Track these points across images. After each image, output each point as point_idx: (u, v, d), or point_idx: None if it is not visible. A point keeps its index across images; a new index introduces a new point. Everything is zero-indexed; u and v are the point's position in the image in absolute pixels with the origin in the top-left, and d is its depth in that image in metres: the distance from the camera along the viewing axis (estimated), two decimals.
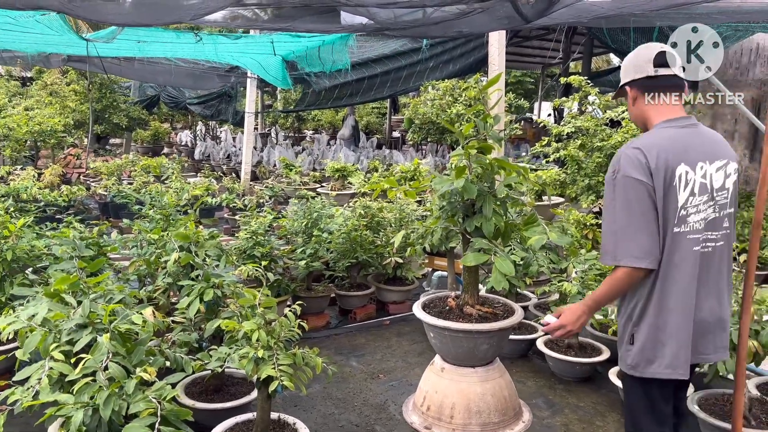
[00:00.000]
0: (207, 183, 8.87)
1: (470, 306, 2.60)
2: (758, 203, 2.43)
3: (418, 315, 2.60)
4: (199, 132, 19.24)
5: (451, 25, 3.86)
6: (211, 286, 3.28)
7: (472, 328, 2.44)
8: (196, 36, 5.86)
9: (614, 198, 2.17)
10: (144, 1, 2.80)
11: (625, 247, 2.13)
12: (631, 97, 2.36)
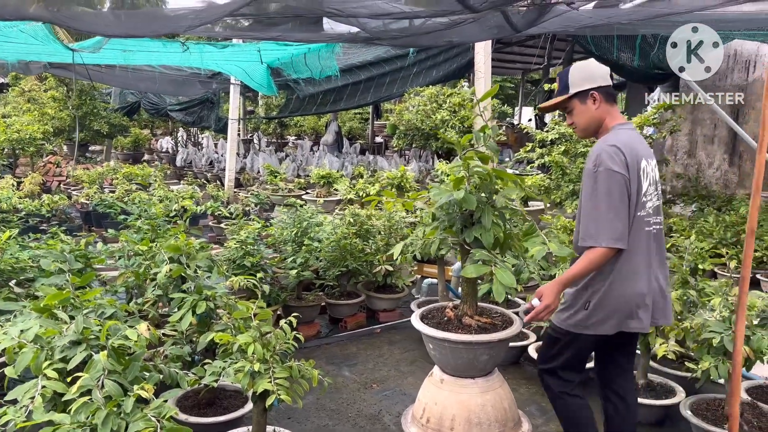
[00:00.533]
0: (191, 191, 8.78)
1: (469, 317, 2.59)
2: (752, 211, 2.46)
3: (416, 326, 2.59)
4: (181, 138, 19.06)
5: (442, 35, 3.87)
6: (204, 299, 3.23)
7: (473, 339, 2.43)
8: (183, 45, 5.80)
9: (596, 188, 2.49)
10: (137, 14, 2.77)
11: (605, 230, 2.45)
12: (597, 101, 2.66)
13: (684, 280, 3.92)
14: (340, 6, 3.02)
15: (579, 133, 2.78)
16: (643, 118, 7.66)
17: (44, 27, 4.70)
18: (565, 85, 2.74)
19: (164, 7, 2.68)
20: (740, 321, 2.54)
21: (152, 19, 2.81)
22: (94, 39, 5.57)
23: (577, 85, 2.70)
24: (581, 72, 2.71)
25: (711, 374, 3.18)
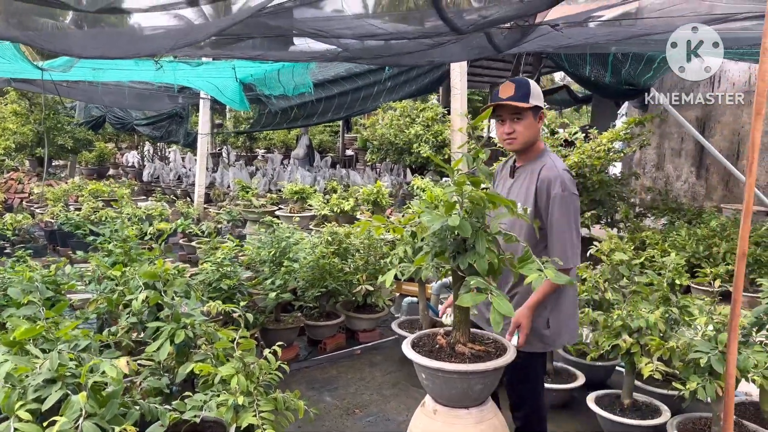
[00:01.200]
0: (160, 208, 8.57)
1: (462, 344, 2.53)
2: (742, 234, 2.46)
3: (409, 356, 2.51)
4: (147, 153, 18.69)
5: (424, 55, 3.84)
6: (182, 327, 3.11)
7: (467, 369, 2.37)
8: (157, 63, 5.67)
9: (569, 213, 2.68)
10: (113, 35, 2.66)
11: (577, 253, 2.71)
12: (541, 121, 2.84)
13: (665, 297, 3.93)
14: (325, 27, 2.96)
15: (515, 145, 2.83)
16: (614, 133, 7.77)
17: (12, 46, 4.52)
18: (525, 94, 2.77)
19: (143, 30, 2.58)
20: (732, 344, 2.53)
21: (130, 41, 2.71)
22: (65, 58, 5.40)
23: (536, 99, 2.80)
24: (536, 89, 2.82)
25: (698, 394, 3.18)
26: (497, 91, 2.81)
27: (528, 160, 2.90)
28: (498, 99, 2.77)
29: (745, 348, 3.32)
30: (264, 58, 4.21)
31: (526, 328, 2.68)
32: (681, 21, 4.37)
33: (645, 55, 7.36)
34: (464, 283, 2.34)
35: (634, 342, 3.54)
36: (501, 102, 2.76)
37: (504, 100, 2.75)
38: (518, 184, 2.91)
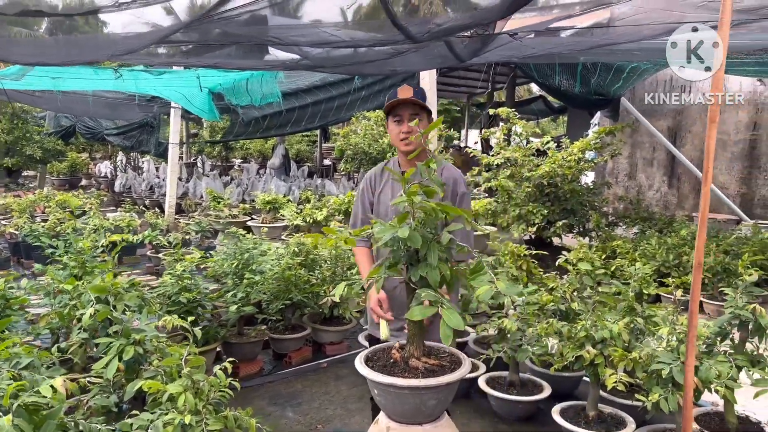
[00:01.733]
0: (128, 218, 8.41)
1: (416, 358, 2.46)
2: (698, 244, 2.43)
3: (360, 371, 2.44)
4: (120, 163, 18.43)
5: (386, 64, 3.79)
6: (131, 343, 3.00)
7: (419, 384, 2.30)
8: (116, 72, 5.54)
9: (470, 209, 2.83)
10: (59, 40, 2.58)
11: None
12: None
13: (630, 307, 3.91)
14: (281, 34, 2.90)
15: (411, 146, 2.81)
16: (585, 143, 7.80)
17: None
18: (423, 97, 2.86)
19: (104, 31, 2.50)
20: (690, 356, 2.50)
21: (76, 46, 2.62)
22: (17, 66, 5.25)
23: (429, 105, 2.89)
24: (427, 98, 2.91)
25: (661, 405, 3.14)
26: (395, 92, 2.84)
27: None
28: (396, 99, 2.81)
29: (708, 358, 3.30)
30: (227, 67, 4.14)
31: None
32: (648, 31, 4.39)
33: (614, 66, 7.42)
34: (415, 295, 2.28)
35: (597, 353, 3.50)
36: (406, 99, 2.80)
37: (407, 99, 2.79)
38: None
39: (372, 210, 3.02)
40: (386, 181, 3.01)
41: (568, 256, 4.55)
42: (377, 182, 3.04)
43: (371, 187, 3.04)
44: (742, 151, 10.21)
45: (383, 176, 3.03)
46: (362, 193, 3.06)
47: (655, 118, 10.87)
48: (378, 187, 3.02)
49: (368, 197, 3.04)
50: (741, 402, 4.03)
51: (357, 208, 3.10)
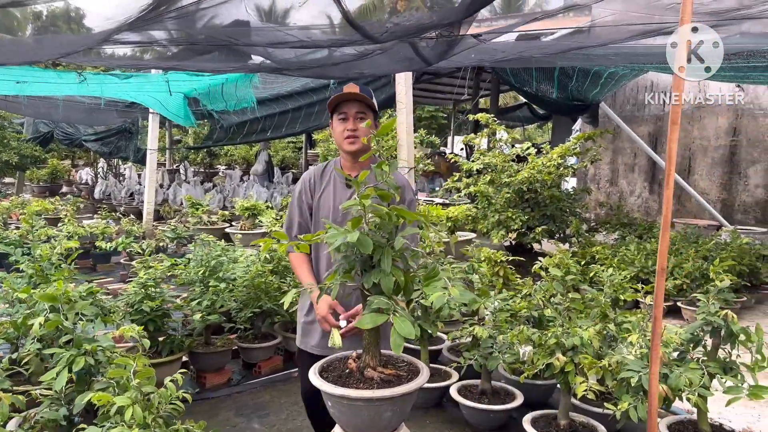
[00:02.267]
0: (103, 225, 8.26)
1: (372, 368, 2.37)
2: (661, 248, 2.37)
3: (313, 382, 2.35)
4: (102, 170, 18.23)
5: (352, 66, 3.72)
6: (83, 354, 2.88)
7: (373, 396, 2.21)
8: (80, 76, 5.42)
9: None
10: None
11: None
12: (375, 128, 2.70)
13: (603, 313, 3.84)
14: (234, 35, 2.81)
15: (358, 145, 2.76)
16: (564, 148, 7.77)
17: None
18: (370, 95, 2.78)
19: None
20: (654, 363, 2.43)
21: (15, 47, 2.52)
22: None
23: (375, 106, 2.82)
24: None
25: (630, 414, 3.08)
26: (341, 89, 2.75)
27: (364, 167, 2.80)
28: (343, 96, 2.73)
29: (679, 365, 3.24)
30: (186, 69, 4.05)
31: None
32: (616, 35, 4.35)
33: (591, 71, 7.40)
34: (368, 303, 2.20)
35: (568, 360, 3.43)
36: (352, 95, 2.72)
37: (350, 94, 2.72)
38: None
39: (311, 214, 2.91)
40: (327, 184, 2.90)
41: (543, 262, 4.48)
42: (317, 185, 2.92)
43: (310, 190, 2.92)
44: (722, 157, 10.24)
45: (323, 179, 2.92)
46: (299, 196, 2.93)
47: (635, 124, 10.89)
48: (318, 190, 2.91)
49: (306, 201, 2.91)
50: (716, 409, 3.98)
51: (293, 212, 2.96)
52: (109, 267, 8.18)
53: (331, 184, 2.89)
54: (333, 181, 2.90)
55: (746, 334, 3.12)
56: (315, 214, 2.90)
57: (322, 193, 2.89)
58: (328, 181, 2.90)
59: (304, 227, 2.90)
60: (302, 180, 2.95)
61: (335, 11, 2.40)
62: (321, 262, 2.88)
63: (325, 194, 2.89)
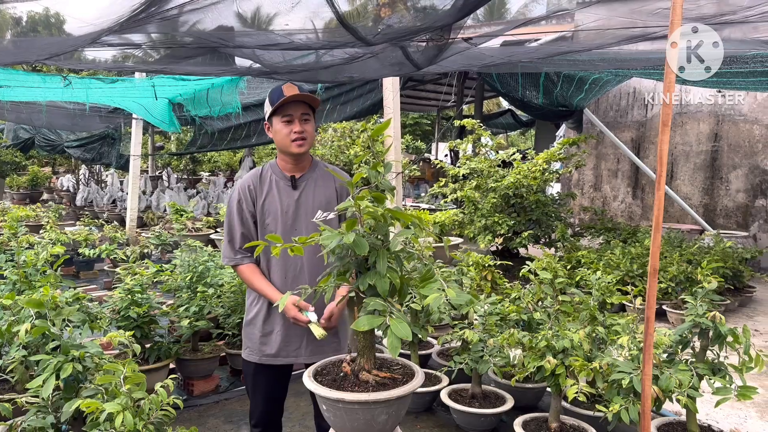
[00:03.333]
0: (86, 232, 8.16)
1: (366, 371, 2.36)
2: (653, 250, 2.39)
3: (308, 386, 2.32)
4: (83, 176, 18.02)
5: (342, 70, 3.72)
6: (70, 360, 2.84)
7: (369, 399, 2.19)
8: (65, 80, 5.34)
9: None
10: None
11: None
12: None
13: (592, 316, 3.86)
14: (226, 35, 2.80)
15: (305, 147, 2.73)
16: (549, 154, 7.83)
17: None
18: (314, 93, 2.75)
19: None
20: (647, 364, 2.44)
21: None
22: None
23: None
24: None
25: (622, 416, 3.09)
26: (281, 91, 2.68)
27: (307, 168, 2.82)
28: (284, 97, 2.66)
29: (669, 367, 3.26)
30: (173, 73, 4.01)
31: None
32: (600, 39, 4.39)
33: (576, 77, 7.47)
34: (363, 305, 2.18)
35: (558, 363, 3.44)
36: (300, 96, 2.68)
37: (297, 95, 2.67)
38: (310, 193, 2.81)
39: (256, 222, 2.81)
40: (270, 189, 2.81)
41: (531, 266, 4.50)
42: (257, 192, 2.80)
43: (251, 198, 2.79)
44: (704, 162, 10.38)
45: (263, 185, 2.81)
46: (239, 206, 2.80)
47: (619, 130, 11.01)
48: (260, 196, 2.80)
49: (248, 209, 2.79)
50: (704, 410, 4.02)
51: (233, 223, 2.81)
52: (93, 274, 8.08)
53: (273, 188, 2.80)
54: (275, 184, 2.81)
55: (734, 335, 3.15)
56: (260, 220, 2.80)
57: (265, 198, 2.79)
58: (269, 185, 2.81)
59: (248, 238, 2.80)
60: (239, 190, 2.83)
61: (327, 13, 2.39)
62: (273, 269, 2.81)
63: (269, 199, 2.79)
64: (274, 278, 2.81)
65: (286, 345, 2.87)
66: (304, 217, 2.80)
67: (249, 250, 2.81)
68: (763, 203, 9.75)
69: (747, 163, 9.89)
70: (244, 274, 2.83)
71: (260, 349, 2.88)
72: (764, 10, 3.76)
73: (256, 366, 2.92)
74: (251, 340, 2.91)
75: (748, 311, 7.35)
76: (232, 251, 2.82)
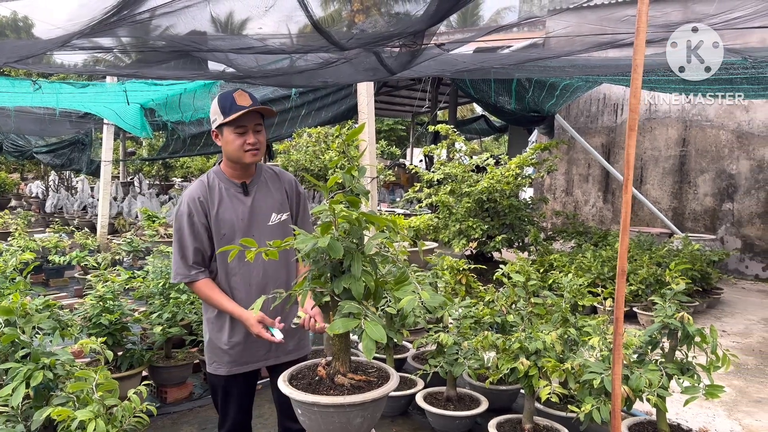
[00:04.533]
0: (56, 239, 8.02)
1: (342, 375, 2.37)
2: (621, 251, 2.44)
3: (283, 390, 2.33)
4: (53, 182, 17.70)
5: (316, 75, 3.73)
6: (41, 368, 2.79)
7: (344, 402, 2.20)
8: (34, 84, 5.24)
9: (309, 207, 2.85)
10: None
11: None
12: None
13: (564, 318, 3.92)
14: (198, 39, 2.79)
15: (258, 156, 2.71)
16: (522, 159, 7.93)
17: None
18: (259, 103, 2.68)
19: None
20: (617, 364, 2.49)
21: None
22: None
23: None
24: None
25: (593, 416, 3.14)
26: (233, 99, 2.63)
27: (254, 173, 2.83)
28: (241, 108, 2.61)
29: (639, 367, 3.32)
30: (145, 77, 3.98)
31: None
32: (569, 46, 4.47)
33: (547, 83, 7.58)
34: (338, 308, 2.19)
35: (531, 364, 3.48)
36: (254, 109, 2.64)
37: (254, 107, 2.63)
38: (262, 198, 2.81)
39: (210, 232, 2.73)
40: (221, 198, 2.75)
41: (504, 270, 4.55)
42: (208, 202, 2.72)
43: (202, 210, 2.71)
44: (672, 167, 10.59)
45: (213, 194, 2.74)
46: (189, 219, 2.70)
47: (589, 135, 11.19)
48: (212, 207, 2.72)
49: (200, 222, 2.71)
50: (674, 410, 4.10)
51: (184, 238, 2.71)
52: (63, 282, 7.94)
53: (225, 197, 2.75)
54: (225, 192, 2.76)
55: (701, 335, 3.23)
56: (215, 231, 2.73)
57: (218, 208, 2.73)
58: (220, 194, 2.75)
59: (201, 252, 2.73)
60: (187, 203, 2.72)
61: (301, 17, 2.41)
62: (234, 281, 2.76)
63: (222, 208, 2.73)
64: (238, 289, 2.77)
65: (255, 351, 2.86)
66: (259, 223, 2.78)
67: (203, 265, 2.74)
68: (730, 207, 9.99)
69: (714, 168, 10.13)
70: (202, 290, 2.73)
71: (228, 361, 2.85)
72: (728, 18, 3.87)
73: (226, 378, 2.90)
74: (216, 354, 2.87)
75: (716, 312, 7.52)
76: (186, 267, 2.71)
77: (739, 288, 9.13)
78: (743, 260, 9.89)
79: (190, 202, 2.71)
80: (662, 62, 5.14)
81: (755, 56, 4.76)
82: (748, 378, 5.29)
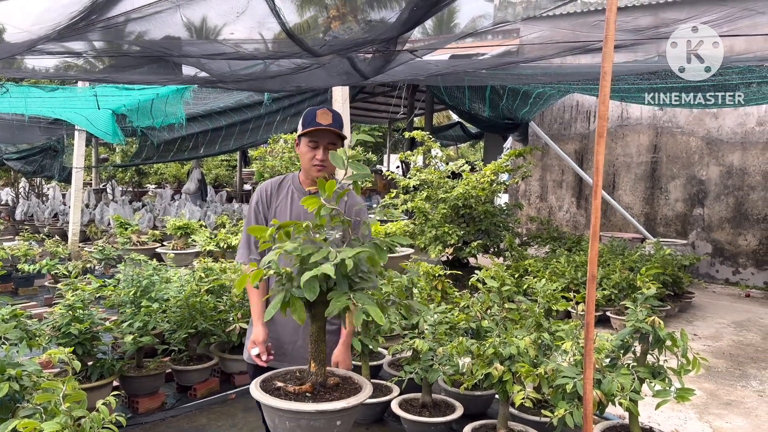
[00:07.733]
0: (25, 247, 7.85)
1: (316, 383, 2.35)
2: (591, 256, 2.47)
3: (255, 396, 2.30)
4: (23, 189, 17.35)
5: (290, 80, 3.72)
6: (6, 379, 2.72)
7: (318, 409, 2.18)
8: (1, 88, 5.13)
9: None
10: None
11: None
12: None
13: (538, 323, 3.95)
14: (170, 44, 2.76)
15: (324, 173, 2.77)
16: (497, 165, 7.99)
17: None
18: (341, 125, 2.80)
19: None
20: (588, 368, 2.51)
21: None
22: None
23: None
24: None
25: (567, 420, 3.16)
26: (315, 115, 2.74)
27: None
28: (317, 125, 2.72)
29: (611, 371, 3.35)
30: (116, 82, 3.93)
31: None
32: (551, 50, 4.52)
33: (521, 91, 7.66)
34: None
35: (505, 369, 3.50)
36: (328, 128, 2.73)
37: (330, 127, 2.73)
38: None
39: (267, 223, 2.88)
40: (285, 196, 2.91)
41: (479, 275, 4.57)
42: (273, 196, 2.91)
43: (266, 200, 2.90)
44: (644, 173, 10.76)
45: (281, 191, 2.92)
46: (255, 207, 2.91)
47: (563, 142, 11.33)
48: (274, 201, 2.90)
49: (263, 211, 2.89)
50: (646, 413, 4.15)
51: (249, 224, 2.93)
52: (33, 291, 7.77)
53: (288, 196, 2.89)
54: (291, 193, 2.90)
55: (672, 339, 3.27)
56: (268, 223, 2.86)
57: (279, 204, 2.89)
58: (286, 193, 2.90)
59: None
60: (258, 191, 2.93)
61: (274, 24, 2.40)
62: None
63: (281, 205, 2.88)
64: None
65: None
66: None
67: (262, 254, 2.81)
68: (701, 212, 10.17)
69: (685, 174, 10.32)
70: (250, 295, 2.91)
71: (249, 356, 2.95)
72: (697, 23, 3.95)
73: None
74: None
75: (688, 316, 7.64)
76: (248, 251, 2.88)
77: (710, 292, 9.30)
78: (714, 264, 10.07)
79: (259, 192, 2.93)
80: (633, 68, 5.23)
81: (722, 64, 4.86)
82: (719, 381, 5.38)
